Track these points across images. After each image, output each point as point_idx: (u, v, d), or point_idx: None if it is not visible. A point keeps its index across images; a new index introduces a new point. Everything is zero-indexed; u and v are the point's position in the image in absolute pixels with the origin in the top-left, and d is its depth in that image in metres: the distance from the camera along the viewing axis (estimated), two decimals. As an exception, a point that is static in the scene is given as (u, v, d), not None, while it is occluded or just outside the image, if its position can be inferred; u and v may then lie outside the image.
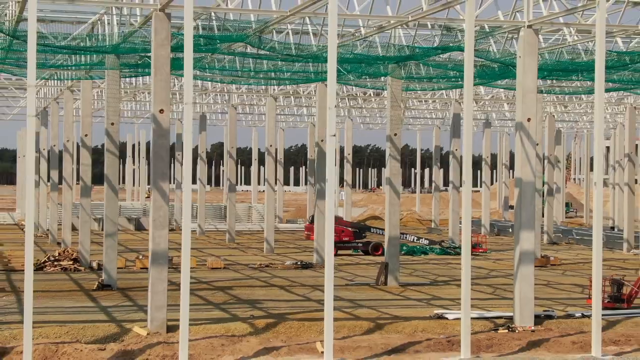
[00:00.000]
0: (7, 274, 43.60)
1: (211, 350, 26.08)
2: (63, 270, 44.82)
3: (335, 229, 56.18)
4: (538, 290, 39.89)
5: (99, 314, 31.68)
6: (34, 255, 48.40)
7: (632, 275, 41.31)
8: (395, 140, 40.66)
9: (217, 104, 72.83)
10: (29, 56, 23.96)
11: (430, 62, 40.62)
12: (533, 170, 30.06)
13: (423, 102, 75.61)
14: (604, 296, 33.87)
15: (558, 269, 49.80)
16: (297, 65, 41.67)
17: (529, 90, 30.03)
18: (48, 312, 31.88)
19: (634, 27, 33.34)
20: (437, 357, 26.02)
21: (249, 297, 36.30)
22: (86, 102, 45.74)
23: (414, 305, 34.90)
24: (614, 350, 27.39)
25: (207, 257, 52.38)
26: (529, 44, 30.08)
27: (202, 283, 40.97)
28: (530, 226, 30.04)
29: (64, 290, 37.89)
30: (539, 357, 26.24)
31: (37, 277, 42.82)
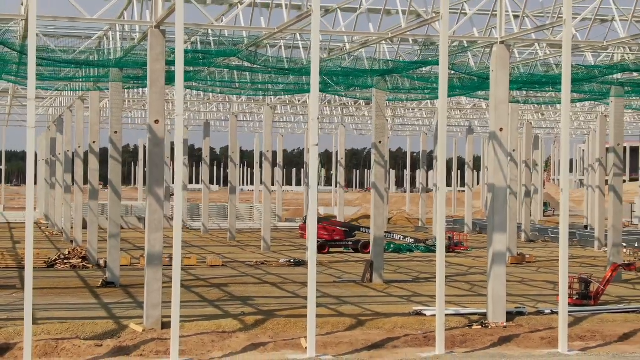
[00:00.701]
0: (20, 271, 43.09)
1: (202, 347, 25.59)
2: (72, 268, 44.37)
3: (327, 229, 56.67)
4: (512, 287, 39.41)
5: (99, 311, 31.23)
6: (46, 254, 48.38)
7: (601, 272, 40.74)
8: (380, 148, 40.19)
9: (219, 112, 72.36)
10: (29, 73, 23.48)
11: (413, 75, 40.10)
12: (505, 176, 29.59)
13: (411, 110, 75.29)
14: (573, 293, 33.45)
15: (533, 266, 49.34)
16: (291, 77, 41.24)
17: (501, 102, 29.55)
18: (53, 309, 31.45)
19: (600, 42, 32.83)
20: (414, 353, 25.53)
21: (242, 294, 35.82)
22: (94, 111, 45.29)
23: (395, 302, 34.40)
24: (579, 345, 26.89)
25: (208, 255, 51.98)
26: (501, 59, 29.59)
27: (200, 280, 40.51)
28: (502, 229, 29.57)
29: (70, 288, 37.41)
30: (508, 352, 25.74)
31: (47, 274, 42.68)
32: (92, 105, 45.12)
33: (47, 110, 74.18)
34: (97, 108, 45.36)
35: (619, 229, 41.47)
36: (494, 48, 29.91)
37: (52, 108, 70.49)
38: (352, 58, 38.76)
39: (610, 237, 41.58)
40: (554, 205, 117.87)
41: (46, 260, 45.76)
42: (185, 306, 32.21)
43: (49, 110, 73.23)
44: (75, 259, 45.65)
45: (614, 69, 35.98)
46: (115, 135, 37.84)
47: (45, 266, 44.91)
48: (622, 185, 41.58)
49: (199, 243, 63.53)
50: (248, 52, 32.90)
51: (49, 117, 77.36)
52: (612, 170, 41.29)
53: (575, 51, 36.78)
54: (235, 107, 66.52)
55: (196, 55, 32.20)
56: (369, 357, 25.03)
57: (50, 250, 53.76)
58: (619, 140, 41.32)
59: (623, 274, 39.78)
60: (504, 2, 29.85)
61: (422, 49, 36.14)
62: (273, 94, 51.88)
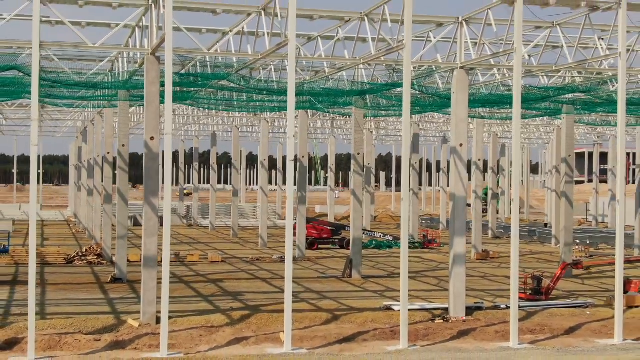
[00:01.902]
0: (42, 267, 42.19)
1: (190, 341, 24.71)
2: (88, 264, 43.52)
3: (316, 228, 55.69)
4: (476, 282, 38.51)
5: (104, 306, 30.25)
6: (66, 251, 47.49)
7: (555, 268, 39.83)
8: (358, 159, 39.30)
9: (225, 124, 71.45)
10: (32, 97, 22.71)
11: (389, 95, 39.24)
12: (464, 186, 28.66)
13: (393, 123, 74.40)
14: (527, 289, 32.57)
15: (496, 262, 48.36)
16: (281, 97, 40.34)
17: (461, 120, 28.66)
18: (63, 304, 30.55)
19: (550, 66, 31.92)
20: (380, 346, 24.66)
21: (234, 290, 34.83)
22: (109, 126, 44.34)
23: (369, 297, 33.42)
24: (529, 338, 25.97)
25: (211, 251, 51.05)
26: (461, 82, 28.70)
27: (200, 276, 39.57)
28: (461, 233, 28.66)
29: (82, 283, 36.47)
30: (464, 346, 24.83)
31: (65, 270, 41.78)
32: (107, 121, 44.19)
33: (75, 123, 73.32)
34: (111, 123, 44.40)
35: (570, 230, 40.51)
36: (454, 72, 29.03)
37: (79, 121, 69.59)
38: (335, 79, 37.99)
39: (562, 237, 40.63)
40: (520, 204, 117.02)
41: (66, 257, 44.90)
42: (181, 301, 31.44)
43: (77, 123, 72.39)
44: (91, 255, 44.83)
45: (565, 90, 35.09)
46: (122, 148, 36.97)
47: (65, 262, 44.08)
48: (572, 190, 40.63)
49: (206, 240, 62.70)
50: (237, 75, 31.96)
51: (77, 129, 76.49)
52: (564, 178, 40.37)
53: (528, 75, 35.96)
54: (237, 120, 65.60)
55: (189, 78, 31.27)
56: (339, 350, 24.16)
57: (74, 246, 52.90)
58: (570, 152, 40.37)
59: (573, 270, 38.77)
60: (464, 31, 29.02)
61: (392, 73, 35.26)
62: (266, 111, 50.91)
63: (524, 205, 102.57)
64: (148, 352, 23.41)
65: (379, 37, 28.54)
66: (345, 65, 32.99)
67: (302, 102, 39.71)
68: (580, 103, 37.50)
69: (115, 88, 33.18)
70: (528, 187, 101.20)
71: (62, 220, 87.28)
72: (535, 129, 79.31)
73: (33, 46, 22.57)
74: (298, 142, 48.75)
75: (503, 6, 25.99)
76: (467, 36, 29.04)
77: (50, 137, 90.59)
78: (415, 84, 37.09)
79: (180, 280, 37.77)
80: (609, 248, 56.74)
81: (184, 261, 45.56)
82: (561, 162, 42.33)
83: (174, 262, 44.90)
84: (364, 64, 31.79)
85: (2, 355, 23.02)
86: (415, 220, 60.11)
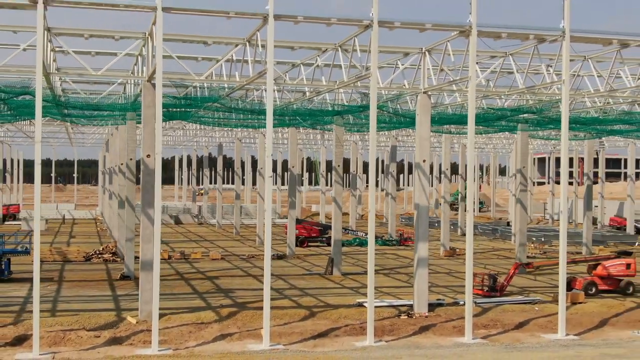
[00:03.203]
0: (62, 264, 41.28)
1: (180, 337, 23.73)
2: (104, 262, 42.55)
3: (306, 228, 54.63)
4: (441, 278, 37.54)
5: (109, 303, 29.28)
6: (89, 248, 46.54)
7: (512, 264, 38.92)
8: (339, 170, 38.38)
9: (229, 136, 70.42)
10: (36, 121, 21.70)
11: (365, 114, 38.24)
12: (427, 198, 27.72)
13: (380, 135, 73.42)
14: (484, 286, 31.66)
15: (461, 259, 47.10)
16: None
17: (424, 139, 27.72)
18: (73, 301, 29.57)
19: (503, 91, 30.98)
20: (349, 342, 23.66)
21: (227, 286, 33.81)
22: (122, 140, 43.22)
23: (346, 293, 32.37)
24: (483, 333, 24.99)
25: (214, 249, 50.11)
26: (424, 105, 27.77)
27: (199, 273, 38.55)
28: (424, 239, 27.71)
29: (95, 280, 35.47)
30: (422, 341, 23.83)
31: (83, 267, 40.72)
32: (120, 136, 43.25)
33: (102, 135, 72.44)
34: (124, 138, 43.23)
35: (524, 232, 39.60)
36: (418, 97, 28.09)
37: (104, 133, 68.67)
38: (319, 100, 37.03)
39: (517, 239, 39.69)
40: (488, 203, 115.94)
41: (85, 255, 43.97)
42: (178, 298, 30.49)
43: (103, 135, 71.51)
44: (107, 254, 43.89)
45: (518, 111, 34.16)
46: (130, 161, 36.05)
47: (84, 260, 43.13)
48: (526, 197, 39.78)
49: (211, 237, 61.68)
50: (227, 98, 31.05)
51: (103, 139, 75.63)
52: (519, 187, 39.41)
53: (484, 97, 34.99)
54: (239, 133, 64.58)
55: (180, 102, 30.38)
56: (313, 345, 23.21)
57: (96, 244, 51.96)
58: (524, 164, 39.44)
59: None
60: (426, 60, 28.07)
61: (364, 96, 34.33)
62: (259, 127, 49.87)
63: (491, 204, 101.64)
64: (142, 348, 22.43)
65: (351, 65, 27.63)
66: (323, 90, 32.02)
67: (290, 119, 38.77)
68: (533, 121, 36.52)
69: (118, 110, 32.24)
70: (494, 188, 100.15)
71: (91, 218, 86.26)
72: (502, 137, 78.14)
73: (37, 76, 21.65)
74: (289, 154, 47.79)
75: (461, 38, 25.06)
76: (429, 64, 28.10)
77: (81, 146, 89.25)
78: (388, 105, 36.27)
79: (181, 277, 36.83)
80: (562, 245, 55.97)
81: (188, 258, 44.60)
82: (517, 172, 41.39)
83: (179, 260, 44.03)
84: (337, 89, 30.78)
85: (12, 350, 22.11)
86: (394, 220, 59.18)
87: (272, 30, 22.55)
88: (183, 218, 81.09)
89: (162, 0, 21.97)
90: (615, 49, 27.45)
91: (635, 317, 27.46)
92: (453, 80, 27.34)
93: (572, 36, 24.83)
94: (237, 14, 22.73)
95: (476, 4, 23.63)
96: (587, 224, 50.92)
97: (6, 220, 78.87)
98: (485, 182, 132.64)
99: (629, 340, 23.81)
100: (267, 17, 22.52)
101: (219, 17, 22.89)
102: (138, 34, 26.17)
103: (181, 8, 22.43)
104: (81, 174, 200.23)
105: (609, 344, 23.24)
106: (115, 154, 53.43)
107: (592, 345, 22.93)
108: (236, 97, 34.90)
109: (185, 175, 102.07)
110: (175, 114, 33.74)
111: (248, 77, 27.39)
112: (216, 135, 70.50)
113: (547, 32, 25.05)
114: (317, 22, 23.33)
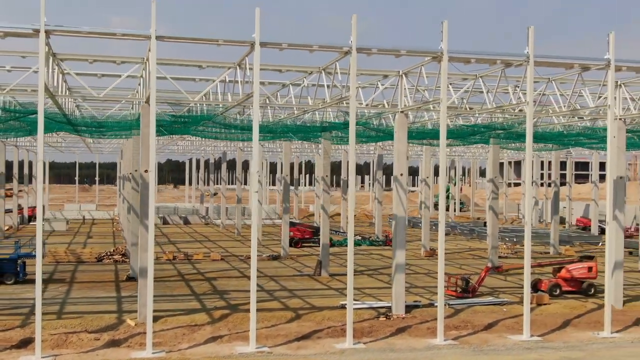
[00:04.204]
0: (76, 265, 40.52)
1: (174, 339, 22.92)
2: (114, 262, 41.79)
3: (300, 230, 53.74)
4: (420, 279, 36.72)
5: (113, 305, 28.39)
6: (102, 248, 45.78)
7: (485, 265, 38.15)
8: (326, 180, 37.63)
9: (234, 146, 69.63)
10: (38, 141, 20.97)
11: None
12: (404, 209, 26.97)
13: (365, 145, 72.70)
14: (457, 288, 30.92)
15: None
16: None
17: (401, 154, 27.00)
18: (80, 303, 28.72)
19: (474, 110, 30.25)
20: (330, 344, 22.78)
21: (223, 288, 32.95)
22: (129, 151, 42.54)
23: (331, 295, 31.43)
24: (454, 334, 24.21)
25: (215, 249, 49.32)
26: (401, 124, 27.03)
27: (199, 274, 37.76)
28: (402, 246, 27.01)
29: (103, 281, 34.62)
30: (397, 343, 22.94)
31: (94, 267, 39.87)
32: (128, 148, 42.45)
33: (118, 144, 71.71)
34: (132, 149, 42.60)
35: (496, 236, 38.90)
36: (396, 116, 27.33)
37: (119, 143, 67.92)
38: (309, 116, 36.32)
39: (489, 242, 38.93)
40: (468, 203, 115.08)
41: (97, 255, 43.20)
42: (177, 299, 29.70)
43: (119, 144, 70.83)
44: (117, 255, 43.09)
45: (489, 127, 33.44)
46: (135, 172, 35.13)
47: (96, 260, 42.37)
48: (498, 204, 39.00)
49: (215, 238, 60.85)
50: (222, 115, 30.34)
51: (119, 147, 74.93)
52: (491, 195, 38.65)
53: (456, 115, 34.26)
54: (240, 143, 63.78)
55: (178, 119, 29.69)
56: (296, 347, 22.40)
57: (109, 245, 51.22)
58: (495, 174, 38.71)
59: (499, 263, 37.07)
60: (403, 82, 27.33)
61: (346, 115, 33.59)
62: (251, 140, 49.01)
63: (471, 203, 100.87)
64: (137, 351, 21.64)
65: (334, 85, 26.90)
66: (310, 109, 31.28)
67: (282, 134, 37.99)
68: (504, 136, 35.80)
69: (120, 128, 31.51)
70: (474, 189, 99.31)
71: (109, 219, 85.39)
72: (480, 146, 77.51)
73: (39, 97, 20.93)
74: (282, 164, 47.00)
75: (434, 62, 24.34)
76: (406, 85, 27.36)
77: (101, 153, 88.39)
78: (372, 121, 35.57)
79: (182, 278, 36.07)
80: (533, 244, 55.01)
81: (191, 259, 43.84)
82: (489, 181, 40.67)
83: (183, 260, 43.28)
84: (322, 108, 30.07)
85: (16, 352, 21.34)
86: (381, 221, 58.42)
87: (257, 56, 21.83)
88: (191, 219, 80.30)
89: (156, 30, 21.24)
90: (577, 72, 26.71)
91: (596, 318, 26.70)
92: (427, 101, 26.61)
93: (536, 61, 24.10)
94: (225, 42, 22.02)
95: (447, 32, 22.94)
96: (554, 226, 50.23)
97: (31, 221, 78.11)
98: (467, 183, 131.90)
99: (588, 343, 23.05)
100: (253, 45, 21.80)
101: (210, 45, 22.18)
102: (137, 59, 25.45)
103: (173, 36, 21.70)
104: (105, 175, 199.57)
105: (570, 346, 22.47)
106: (127, 161, 52.75)
107: (554, 348, 22.17)
108: (234, 112, 34.19)
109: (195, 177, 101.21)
110: (176, 129, 32.99)
111: (240, 97, 26.74)
112: (220, 145, 69.74)
113: (512, 57, 24.33)
114: (301, 49, 22.63)
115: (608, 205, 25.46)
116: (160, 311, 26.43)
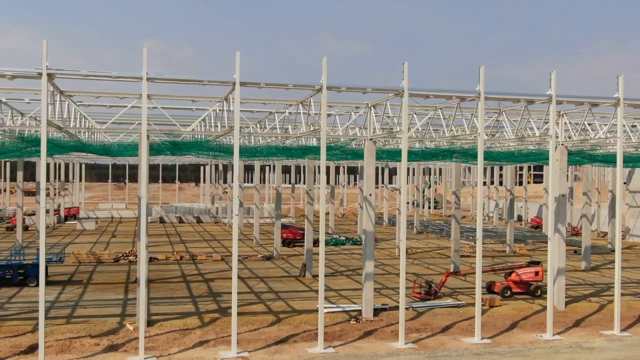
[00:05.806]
0: (95, 265, 39.33)
1: (166, 343, 21.76)
2: (129, 263, 40.59)
3: (292, 232, 52.40)
4: (390, 280, 35.30)
5: (117, 308, 26.98)
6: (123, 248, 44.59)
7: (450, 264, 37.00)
8: (310, 194, 36.43)
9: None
10: (41, 168, 19.78)
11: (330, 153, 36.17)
12: (373, 225, 25.76)
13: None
14: (421, 291, 29.76)
15: (410, 258, 45.03)
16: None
17: (370, 176, 25.86)
18: (90, 306, 27.38)
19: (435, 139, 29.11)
20: (304, 348, 21.64)
21: (218, 290, 31.56)
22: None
23: (312, 297, 29.84)
24: (415, 337, 23.07)
25: (218, 248, 48.02)
26: (370, 150, 25.87)
27: (200, 275, 36.44)
28: (371, 258, 25.74)
29: (115, 282, 33.26)
30: (364, 346, 21.77)
31: (110, 268, 38.46)
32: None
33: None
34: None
35: (458, 240, 37.60)
36: (365, 142, 26.16)
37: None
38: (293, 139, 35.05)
39: (452, 246, 37.71)
40: (441, 201, 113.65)
41: (115, 256, 42.04)
42: (175, 302, 28.39)
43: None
44: (132, 256, 41.91)
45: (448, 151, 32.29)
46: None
47: (113, 261, 41.22)
48: (460, 214, 37.74)
49: (220, 237, 59.58)
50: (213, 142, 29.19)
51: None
52: (453, 205, 37.47)
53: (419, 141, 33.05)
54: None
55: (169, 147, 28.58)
56: (274, 351, 21.25)
57: (130, 245, 49.98)
58: (458, 187, 37.53)
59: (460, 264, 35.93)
60: (372, 113, 26.17)
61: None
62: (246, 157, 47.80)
63: (443, 201, 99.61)
64: (132, 355, 20.53)
65: (309, 115, 25.75)
66: (291, 136, 30.10)
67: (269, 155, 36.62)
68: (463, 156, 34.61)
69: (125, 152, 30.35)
70: (445, 189, 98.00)
71: (134, 217, 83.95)
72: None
73: (42, 130, 19.77)
74: (275, 177, 45.82)
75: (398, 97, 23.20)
76: (374, 116, 26.20)
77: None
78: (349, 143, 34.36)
79: (184, 279, 34.86)
80: (492, 243, 53.84)
81: (195, 259, 42.70)
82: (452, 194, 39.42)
83: (188, 261, 42.13)
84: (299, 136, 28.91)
85: (24, 358, 20.21)
86: (361, 222, 57.15)
87: (238, 94, 20.74)
88: (203, 218, 79.09)
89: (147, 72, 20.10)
90: (524, 105, 25.57)
91: (540, 320, 25.59)
92: (392, 130, 25.47)
93: (487, 96, 22.98)
94: (210, 82, 20.93)
95: (407, 72, 21.83)
96: (509, 228, 49.09)
97: (67, 220, 77.00)
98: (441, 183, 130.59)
99: (531, 347, 21.90)
100: (235, 84, 20.68)
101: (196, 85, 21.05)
102: (136, 94, 24.27)
103: (162, 78, 20.56)
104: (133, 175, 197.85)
105: (514, 351, 21.32)
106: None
107: (499, 354, 21.01)
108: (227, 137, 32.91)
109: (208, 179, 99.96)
110: (177, 151, 31.81)
111: (227, 127, 25.59)
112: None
113: (466, 93, 23.18)
114: (277, 88, 21.50)
115: (550, 220, 24.32)
116: (159, 314, 25.33)
